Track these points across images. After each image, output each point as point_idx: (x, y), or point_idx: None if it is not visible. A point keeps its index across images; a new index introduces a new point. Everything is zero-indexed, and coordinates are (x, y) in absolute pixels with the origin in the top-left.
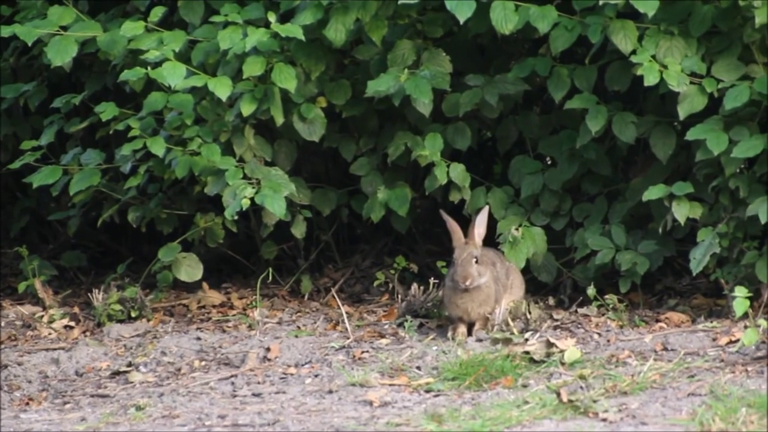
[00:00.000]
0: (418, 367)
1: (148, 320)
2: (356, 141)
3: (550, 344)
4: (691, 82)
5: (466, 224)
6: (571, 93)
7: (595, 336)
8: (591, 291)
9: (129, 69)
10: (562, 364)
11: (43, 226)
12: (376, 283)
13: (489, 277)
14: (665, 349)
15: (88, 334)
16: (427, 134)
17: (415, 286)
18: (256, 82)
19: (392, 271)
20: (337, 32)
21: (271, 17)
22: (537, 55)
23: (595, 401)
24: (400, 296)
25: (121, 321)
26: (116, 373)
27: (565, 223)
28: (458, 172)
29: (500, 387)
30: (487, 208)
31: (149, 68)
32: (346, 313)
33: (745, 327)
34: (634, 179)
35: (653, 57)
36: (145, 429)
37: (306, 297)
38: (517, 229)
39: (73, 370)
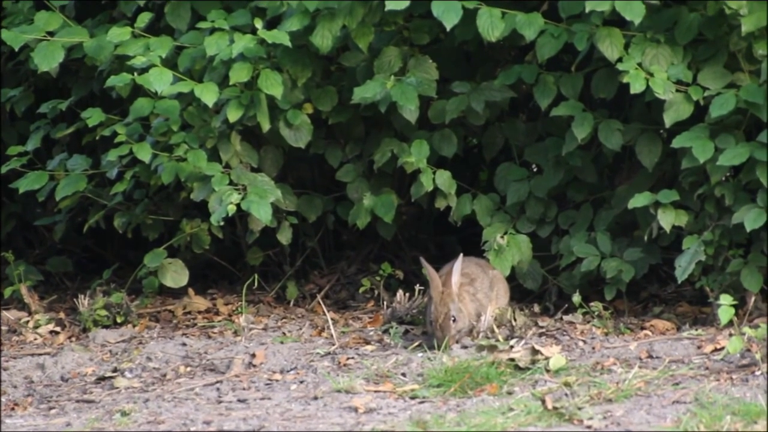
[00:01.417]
0: (404, 374)
1: (134, 326)
2: (342, 147)
3: (535, 351)
4: (677, 90)
5: (454, 231)
6: (557, 100)
7: (580, 343)
8: (576, 298)
9: (115, 75)
10: (547, 371)
11: (29, 231)
12: (361, 290)
13: (465, 314)
14: (650, 356)
15: (73, 339)
16: (413, 141)
17: (400, 292)
18: (243, 88)
19: (378, 278)
20: (323, 39)
21: (258, 24)
22: (523, 63)
23: (579, 408)
24: (385, 303)
25: (106, 326)
26: (101, 379)
27: (550, 230)
28: (444, 179)
29: (485, 394)
30: (461, 256)
31: (136, 74)
32: (332, 319)
33: (730, 335)
34: (619, 187)
35: (639, 65)
36: None
37: (291, 303)
38: (502, 237)
39: (59, 375)
